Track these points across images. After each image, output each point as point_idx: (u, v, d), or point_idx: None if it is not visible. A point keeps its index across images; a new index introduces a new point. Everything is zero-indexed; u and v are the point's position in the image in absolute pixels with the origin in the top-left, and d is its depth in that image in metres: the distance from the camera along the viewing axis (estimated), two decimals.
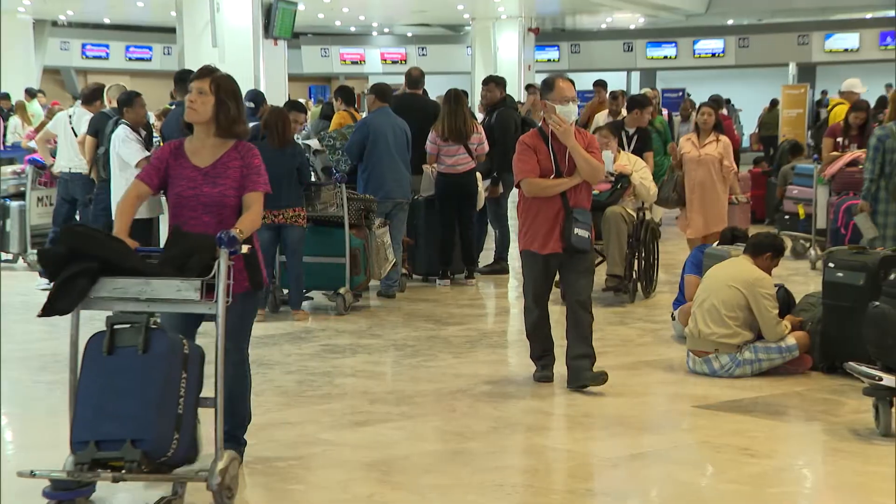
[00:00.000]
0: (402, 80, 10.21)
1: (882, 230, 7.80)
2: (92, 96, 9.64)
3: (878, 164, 7.65)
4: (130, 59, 29.95)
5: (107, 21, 28.42)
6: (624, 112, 11.31)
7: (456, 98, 9.12)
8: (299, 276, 7.91)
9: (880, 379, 4.93)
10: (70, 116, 9.59)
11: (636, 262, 8.43)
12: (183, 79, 7.98)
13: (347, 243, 8.09)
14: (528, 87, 12.41)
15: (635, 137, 9.57)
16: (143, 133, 8.39)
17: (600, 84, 13.56)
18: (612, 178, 8.11)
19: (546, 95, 5.83)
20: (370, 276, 8.39)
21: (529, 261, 5.95)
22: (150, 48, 29.84)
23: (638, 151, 9.31)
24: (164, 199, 8.39)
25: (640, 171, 8.37)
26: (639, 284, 8.48)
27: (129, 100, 8.38)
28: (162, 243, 4.22)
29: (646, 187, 8.32)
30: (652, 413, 5.73)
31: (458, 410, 5.50)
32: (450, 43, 30.62)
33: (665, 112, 15.25)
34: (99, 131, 8.76)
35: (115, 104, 8.89)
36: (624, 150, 9.07)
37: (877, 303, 5.06)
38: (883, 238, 7.70)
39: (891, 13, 26.89)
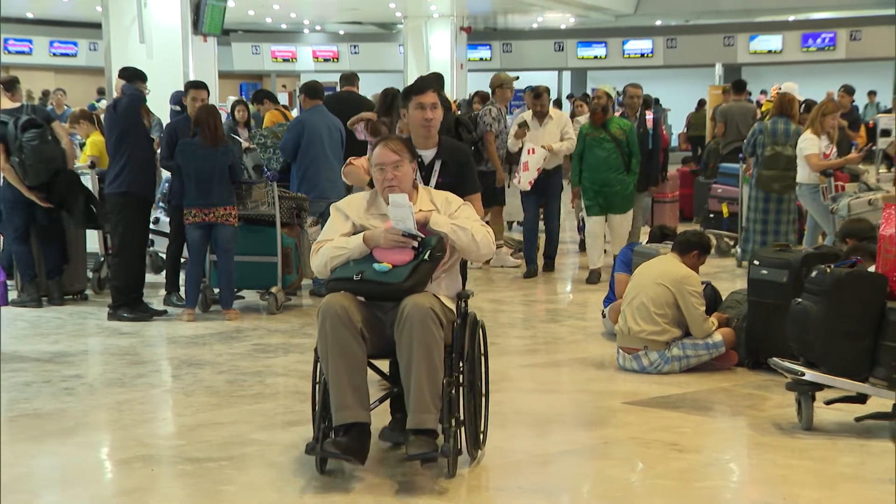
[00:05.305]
0: (333, 77, 10.14)
1: (753, 234, 9.33)
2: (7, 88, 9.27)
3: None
4: (55, 54, 29.32)
5: (30, 16, 27.79)
6: (553, 112, 9.83)
7: (392, 100, 9.00)
8: (230, 274, 7.85)
9: (803, 374, 5.04)
10: None
11: (459, 395, 4.44)
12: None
13: (279, 242, 8.05)
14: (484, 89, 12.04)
15: (438, 163, 4.96)
16: None
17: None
18: (416, 244, 4.42)
19: None
20: (302, 275, 8.36)
21: None
22: (75, 44, 29.25)
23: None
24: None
25: (458, 209, 4.63)
26: (461, 433, 4.45)
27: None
28: None
29: (474, 239, 4.49)
30: (582, 409, 5.78)
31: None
32: (382, 41, 30.57)
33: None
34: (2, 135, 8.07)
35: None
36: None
37: (799, 299, 5.17)
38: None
39: (812, 16, 27.53)
